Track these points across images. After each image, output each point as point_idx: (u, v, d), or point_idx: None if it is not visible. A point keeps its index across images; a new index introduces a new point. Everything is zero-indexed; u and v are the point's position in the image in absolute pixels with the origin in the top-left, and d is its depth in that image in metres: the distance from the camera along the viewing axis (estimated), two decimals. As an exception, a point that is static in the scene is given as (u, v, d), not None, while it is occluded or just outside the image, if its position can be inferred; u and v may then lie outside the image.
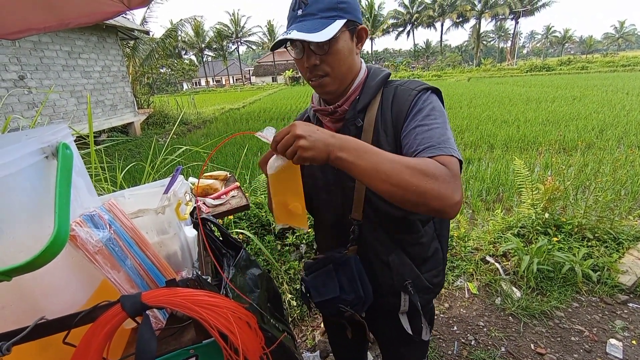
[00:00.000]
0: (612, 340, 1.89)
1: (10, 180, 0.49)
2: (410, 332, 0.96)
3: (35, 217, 0.53)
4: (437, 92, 0.81)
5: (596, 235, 2.69)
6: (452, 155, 0.67)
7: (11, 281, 0.44)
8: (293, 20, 0.77)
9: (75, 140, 0.72)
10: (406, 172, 0.61)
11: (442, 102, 0.81)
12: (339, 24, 0.73)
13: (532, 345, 1.91)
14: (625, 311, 2.11)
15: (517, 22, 55.45)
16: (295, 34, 0.71)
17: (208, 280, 0.61)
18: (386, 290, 0.92)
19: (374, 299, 0.92)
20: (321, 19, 0.73)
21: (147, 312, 0.51)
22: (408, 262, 0.89)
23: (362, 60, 0.87)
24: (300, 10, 0.75)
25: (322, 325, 2.11)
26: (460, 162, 0.69)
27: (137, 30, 10.07)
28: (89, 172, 0.90)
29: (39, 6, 1.28)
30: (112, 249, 0.59)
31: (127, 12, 1.38)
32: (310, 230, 2.63)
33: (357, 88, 0.84)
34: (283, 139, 0.63)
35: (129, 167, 2.62)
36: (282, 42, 0.77)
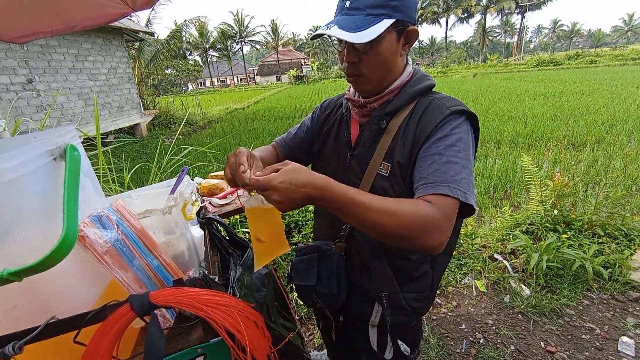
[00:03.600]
0: (624, 338, 1.86)
1: (20, 182, 0.49)
2: (374, 346, 0.95)
3: (45, 218, 0.54)
4: (472, 118, 0.75)
5: (607, 231, 2.65)
6: (456, 198, 0.64)
7: (22, 282, 0.44)
8: (339, 11, 0.73)
9: (83, 142, 0.73)
10: (391, 223, 0.60)
11: (478, 130, 0.78)
12: (385, 24, 0.68)
13: (542, 343, 1.89)
14: (638, 308, 2.08)
15: (523, 17, 54.68)
16: (334, 31, 0.68)
17: (215, 279, 0.61)
18: (361, 295, 0.92)
19: (348, 302, 0.92)
20: (367, 15, 0.68)
21: (155, 311, 0.51)
22: (389, 273, 0.86)
23: (410, 62, 0.83)
24: (349, 2, 0.71)
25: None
26: (467, 205, 0.66)
27: (142, 32, 10.16)
28: (96, 173, 0.91)
29: (45, 10, 1.30)
30: (120, 249, 0.59)
31: (132, 14, 1.39)
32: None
33: (394, 90, 0.80)
34: (260, 180, 0.59)
35: (135, 167, 2.65)
36: (321, 34, 0.73)
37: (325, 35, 0.73)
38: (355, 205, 0.61)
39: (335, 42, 0.77)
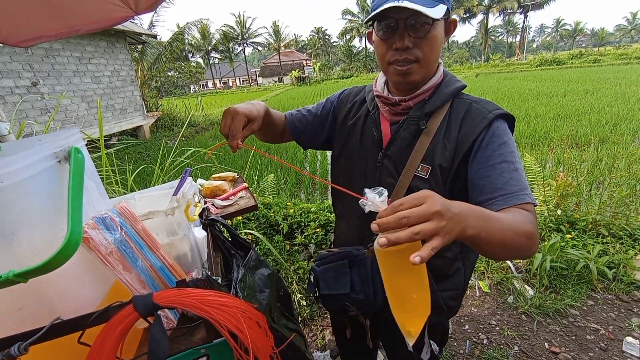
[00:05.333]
0: (629, 338, 1.85)
1: (26, 184, 0.50)
2: (410, 348, 0.94)
3: (50, 220, 0.55)
4: (510, 119, 0.78)
5: (611, 231, 2.63)
6: (532, 203, 0.67)
7: (28, 283, 0.45)
8: None
9: (86, 144, 0.73)
10: (515, 239, 0.58)
11: (513, 129, 0.79)
12: (443, 8, 0.69)
13: (546, 344, 1.88)
14: (643, 309, 2.06)
15: (526, 16, 54.45)
16: (408, 4, 0.65)
17: (218, 280, 0.62)
18: None
19: (383, 307, 0.88)
20: None
21: (158, 312, 0.52)
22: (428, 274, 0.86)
23: (441, 62, 0.83)
24: None
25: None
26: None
27: (144, 34, 10.23)
28: (100, 175, 0.91)
29: (49, 14, 1.31)
30: (123, 251, 0.60)
31: (135, 17, 1.40)
32: (319, 230, 2.63)
33: (429, 89, 0.80)
34: (410, 211, 0.45)
35: (139, 169, 2.66)
36: (380, 16, 0.70)
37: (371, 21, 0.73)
38: (495, 221, 0.55)
39: (380, 29, 0.74)
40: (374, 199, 0.50)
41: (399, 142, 0.82)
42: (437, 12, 0.67)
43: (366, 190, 0.52)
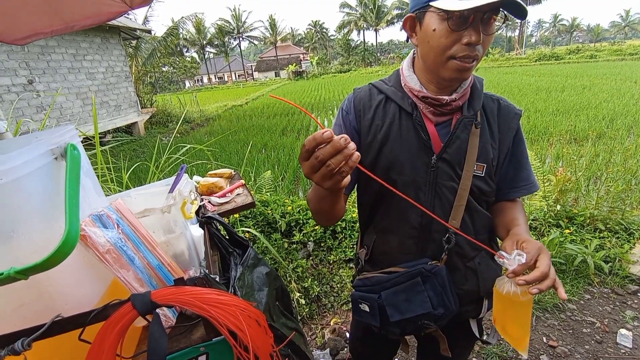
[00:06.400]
0: (623, 330, 1.87)
1: (23, 181, 0.50)
2: (478, 335, 0.91)
3: (47, 218, 0.54)
4: None
5: (608, 226, 2.65)
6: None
7: (28, 280, 0.45)
8: None
9: (81, 142, 0.73)
10: None
11: None
12: None
13: (544, 338, 1.90)
14: (636, 301, 2.09)
15: (523, 11, 54.25)
16: None
17: (216, 278, 0.61)
18: (468, 298, 0.86)
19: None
20: None
21: (157, 310, 0.51)
22: (492, 264, 0.87)
23: None
24: None
25: (331, 323, 2.11)
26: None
27: (139, 29, 10.11)
28: (95, 172, 0.90)
29: (44, 10, 1.30)
30: (120, 248, 0.59)
31: (129, 11, 1.38)
32: (317, 227, 2.62)
33: (469, 87, 0.79)
34: (544, 277, 0.64)
35: (134, 167, 2.65)
36: (481, 9, 0.62)
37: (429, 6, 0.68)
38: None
39: (448, 19, 0.65)
40: (518, 261, 0.66)
41: (457, 144, 0.78)
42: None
43: (504, 253, 0.68)
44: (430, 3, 0.67)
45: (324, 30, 67.76)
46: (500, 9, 0.66)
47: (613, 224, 2.65)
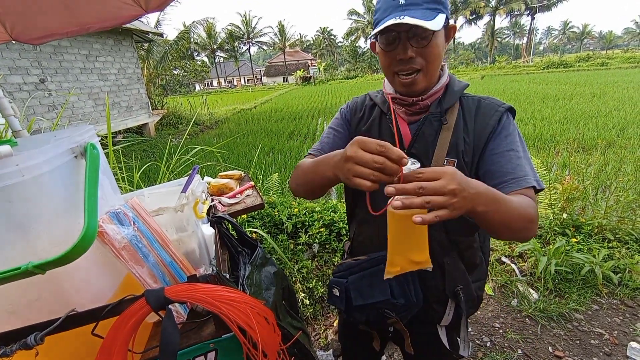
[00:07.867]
0: (633, 344, 1.83)
1: (45, 178, 0.52)
2: (448, 347, 0.91)
3: (67, 214, 0.56)
4: (513, 112, 0.85)
5: (617, 236, 2.61)
6: (538, 189, 0.73)
7: (45, 275, 0.46)
8: (393, 9, 0.73)
9: (97, 141, 0.75)
10: (519, 221, 0.64)
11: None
12: (442, 17, 0.72)
13: (550, 348, 1.87)
14: (648, 314, 2.05)
15: (533, 18, 54.03)
16: (409, 19, 0.69)
17: (227, 277, 0.63)
18: (433, 296, 0.87)
19: (421, 307, 0.86)
20: (426, 9, 0.71)
21: (169, 306, 0.53)
22: (462, 266, 0.86)
23: (445, 64, 0.88)
24: None
25: (335, 324, 2.11)
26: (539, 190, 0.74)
27: (151, 32, 10.30)
28: (110, 171, 0.93)
29: (60, 12, 1.33)
30: (136, 245, 0.61)
31: (144, 15, 1.42)
32: (322, 229, 2.63)
33: (441, 88, 0.84)
34: (427, 184, 0.50)
35: (144, 167, 2.69)
36: (387, 29, 0.73)
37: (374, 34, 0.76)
38: (502, 203, 0.61)
39: (381, 42, 0.78)
40: (409, 168, 0.55)
41: (423, 139, 0.84)
42: (437, 23, 0.70)
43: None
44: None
45: (332, 36, 68.17)
46: (412, 25, 0.71)
47: (623, 234, 2.61)
